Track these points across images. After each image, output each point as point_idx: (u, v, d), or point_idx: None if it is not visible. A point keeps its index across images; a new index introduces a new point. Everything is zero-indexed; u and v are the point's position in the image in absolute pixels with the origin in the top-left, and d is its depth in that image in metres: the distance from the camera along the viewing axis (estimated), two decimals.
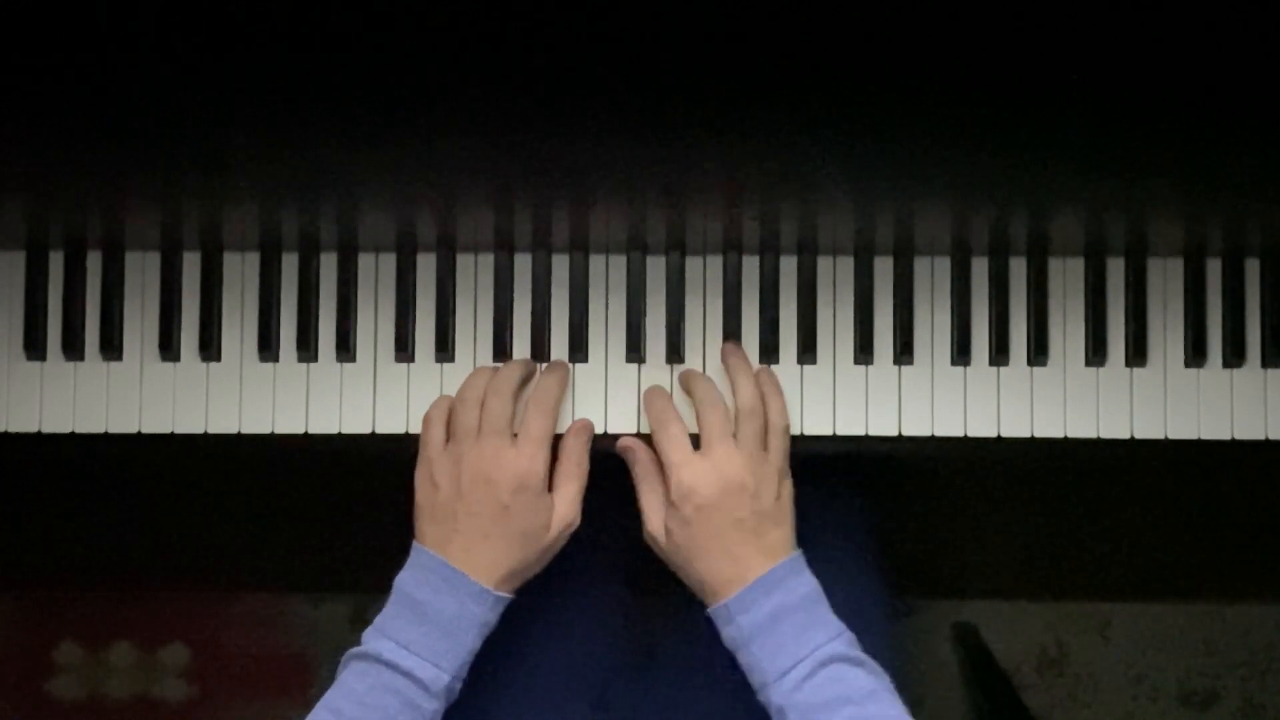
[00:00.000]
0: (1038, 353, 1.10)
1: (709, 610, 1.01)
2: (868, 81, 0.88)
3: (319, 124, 0.92)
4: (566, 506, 1.03)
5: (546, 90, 0.89)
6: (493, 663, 1.08)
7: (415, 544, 1.02)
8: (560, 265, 1.11)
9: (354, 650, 0.99)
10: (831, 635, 0.99)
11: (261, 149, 0.95)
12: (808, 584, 1.01)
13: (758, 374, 1.08)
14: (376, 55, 0.87)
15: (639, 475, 1.05)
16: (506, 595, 1.01)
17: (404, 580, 1.01)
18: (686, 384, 1.08)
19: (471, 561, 1.00)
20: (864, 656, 0.99)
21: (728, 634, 1.00)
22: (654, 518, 1.03)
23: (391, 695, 0.96)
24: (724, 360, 1.09)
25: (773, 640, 0.98)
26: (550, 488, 1.04)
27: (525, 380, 1.08)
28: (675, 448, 1.03)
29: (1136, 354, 1.11)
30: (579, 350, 1.10)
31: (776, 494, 1.02)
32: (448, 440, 1.04)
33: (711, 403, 1.04)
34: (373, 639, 0.99)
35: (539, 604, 1.12)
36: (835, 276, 1.11)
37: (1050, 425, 1.11)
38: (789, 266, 1.11)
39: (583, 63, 0.87)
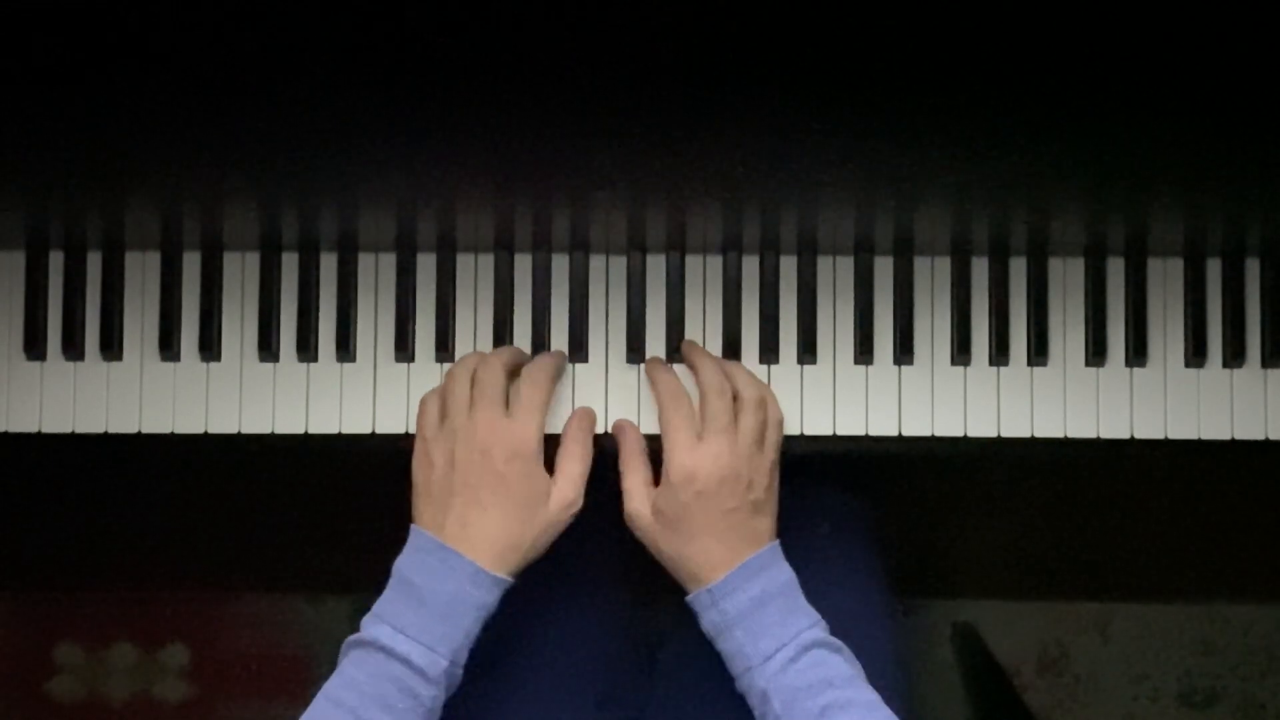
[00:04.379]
0: (1038, 353, 1.10)
1: (689, 597, 1.02)
2: (868, 81, 0.88)
3: (319, 124, 0.92)
4: (569, 486, 1.03)
5: (547, 90, 0.89)
6: (498, 660, 1.08)
7: (413, 526, 1.02)
8: (560, 265, 1.12)
9: (353, 637, 0.99)
10: (813, 621, 1.00)
11: (261, 149, 0.95)
12: (787, 571, 1.02)
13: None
14: (376, 55, 0.87)
15: (625, 455, 1.06)
16: (505, 578, 1.00)
17: (401, 563, 1.00)
18: (691, 360, 1.08)
19: (468, 535, 0.99)
20: (840, 643, 1.00)
21: (709, 619, 1.00)
22: (636, 498, 1.03)
23: (389, 682, 0.96)
24: (720, 361, 1.09)
25: (757, 625, 0.99)
26: (553, 470, 1.04)
27: (517, 363, 1.08)
28: (684, 430, 1.03)
29: (1136, 354, 1.11)
30: (579, 350, 1.10)
31: (768, 485, 1.03)
32: (442, 421, 1.04)
33: (719, 390, 1.04)
34: (371, 624, 0.98)
35: (543, 602, 1.12)
36: (835, 276, 1.11)
37: (1050, 425, 1.11)
38: (789, 266, 1.11)
39: (583, 62, 0.87)
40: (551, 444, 1.05)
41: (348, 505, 1.62)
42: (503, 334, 1.11)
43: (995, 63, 0.87)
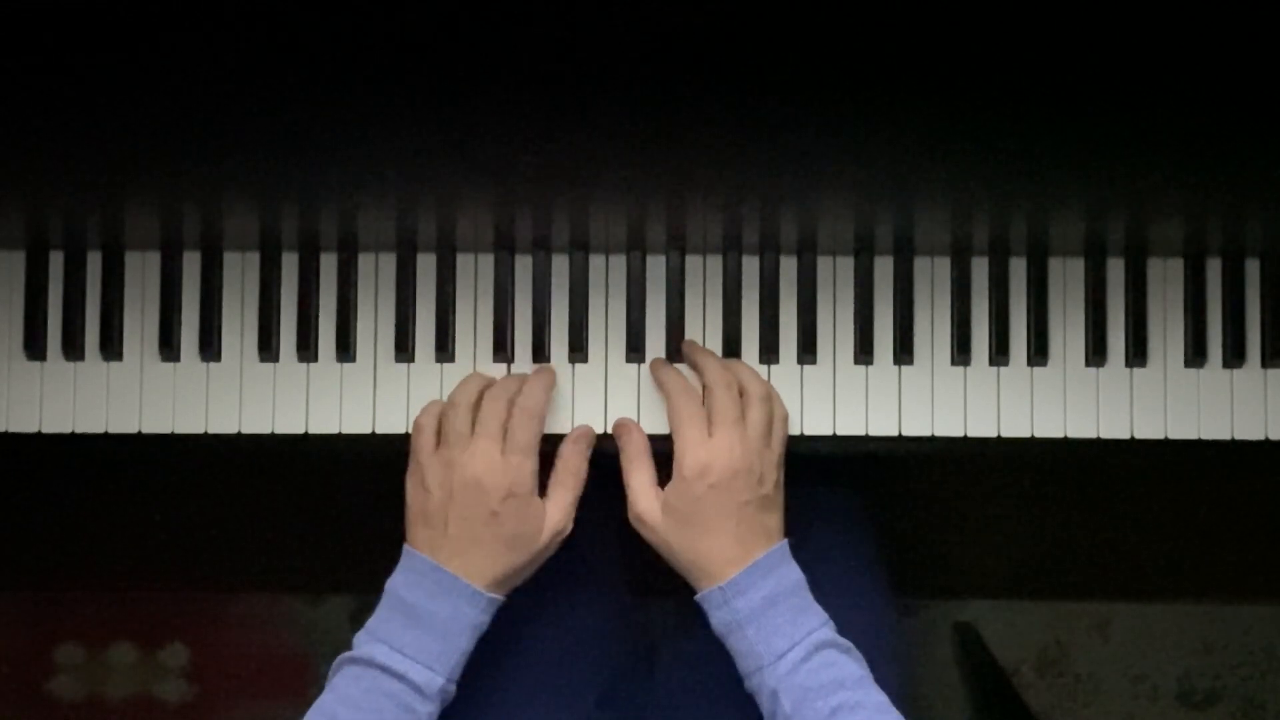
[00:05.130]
0: (1038, 353, 1.10)
1: (700, 595, 1.02)
2: (868, 81, 0.88)
3: (319, 124, 0.92)
4: (559, 514, 1.03)
5: (547, 90, 0.89)
6: (497, 660, 1.08)
7: (406, 547, 1.02)
8: (560, 265, 1.11)
9: (346, 655, 0.99)
10: (822, 621, 1.00)
11: (261, 149, 0.95)
12: (797, 570, 1.02)
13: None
14: (377, 55, 0.87)
15: (630, 455, 1.06)
16: (498, 597, 1.02)
17: (396, 583, 1.01)
18: (693, 358, 1.08)
19: (463, 565, 1.00)
20: (849, 643, 1.00)
21: (720, 617, 1.00)
22: (644, 497, 1.03)
23: (386, 699, 0.96)
24: (723, 359, 1.09)
25: (769, 623, 0.99)
26: (545, 492, 1.04)
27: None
28: (695, 425, 1.03)
29: (1136, 354, 1.11)
30: (579, 350, 1.10)
31: (776, 480, 1.03)
32: (438, 445, 1.04)
33: (727, 385, 1.05)
34: (365, 643, 0.99)
35: (543, 602, 1.12)
36: (835, 276, 1.11)
37: (1050, 425, 1.11)
38: (789, 266, 1.11)
39: (583, 62, 0.87)
40: (549, 442, 1.05)
41: (348, 505, 1.62)
42: (503, 334, 1.11)
43: (995, 63, 0.87)
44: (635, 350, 1.11)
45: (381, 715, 0.96)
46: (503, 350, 1.10)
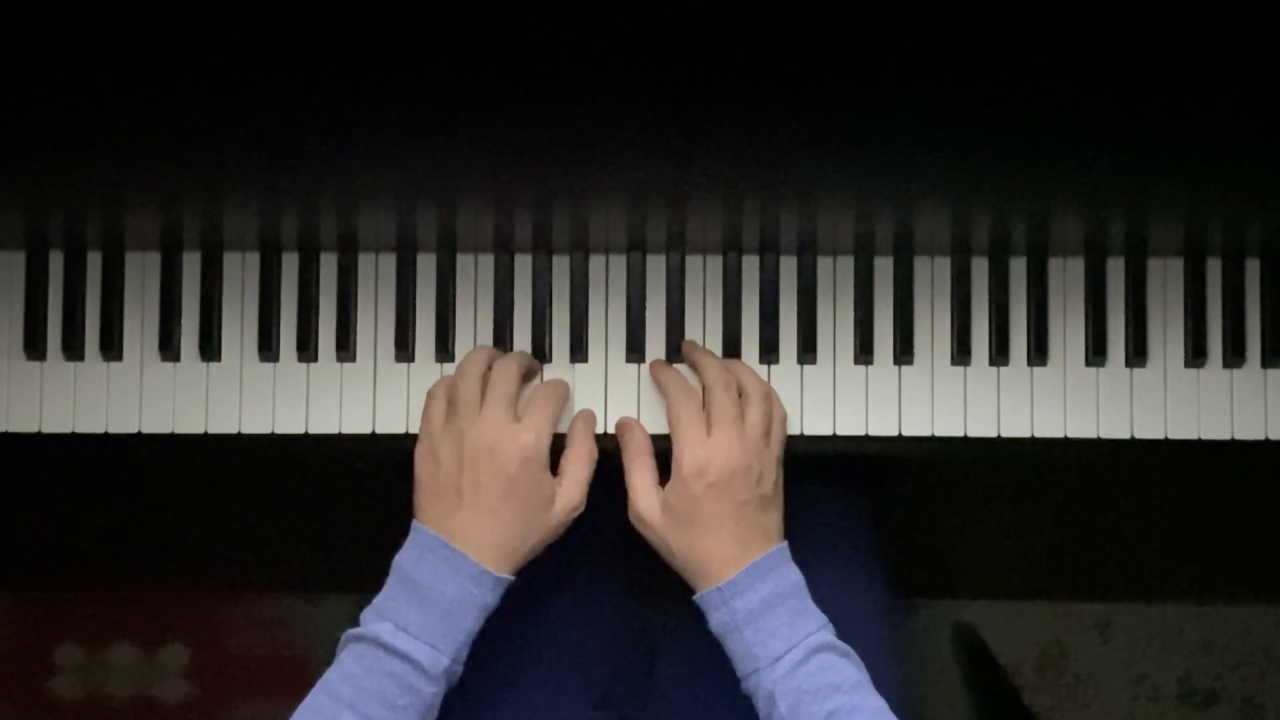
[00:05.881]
0: (1038, 353, 1.10)
1: (698, 595, 1.01)
2: (868, 81, 0.88)
3: (319, 124, 0.92)
4: (574, 489, 1.03)
5: (547, 91, 0.89)
6: (496, 659, 1.08)
7: (415, 523, 1.01)
8: (560, 265, 1.12)
9: (352, 631, 0.99)
10: (821, 624, 1.00)
11: (261, 149, 0.95)
12: (796, 572, 1.02)
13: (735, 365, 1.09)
14: (377, 55, 0.87)
15: (632, 454, 1.05)
16: (507, 577, 1.00)
17: (403, 560, 1.00)
18: (693, 358, 1.08)
19: (473, 539, 0.99)
20: (848, 647, 1.00)
21: (718, 618, 1.00)
22: (644, 496, 1.03)
23: (390, 679, 0.96)
24: (723, 359, 1.09)
25: (766, 625, 0.98)
26: (557, 471, 1.03)
27: (526, 371, 1.08)
28: (694, 424, 1.03)
29: (1136, 354, 1.11)
30: (579, 350, 1.10)
31: (775, 480, 1.03)
32: (449, 417, 1.03)
33: (725, 384, 1.05)
34: (371, 620, 0.98)
35: (542, 601, 1.12)
36: (835, 276, 1.11)
37: (1050, 425, 1.11)
38: (789, 266, 1.11)
39: (583, 63, 0.87)
40: (556, 442, 1.05)
41: (348, 505, 1.62)
42: (503, 334, 1.11)
43: (995, 63, 0.87)
44: (635, 350, 1.11)
45: (384, 695, 0.95)
46: (503, 350, 1.10)
